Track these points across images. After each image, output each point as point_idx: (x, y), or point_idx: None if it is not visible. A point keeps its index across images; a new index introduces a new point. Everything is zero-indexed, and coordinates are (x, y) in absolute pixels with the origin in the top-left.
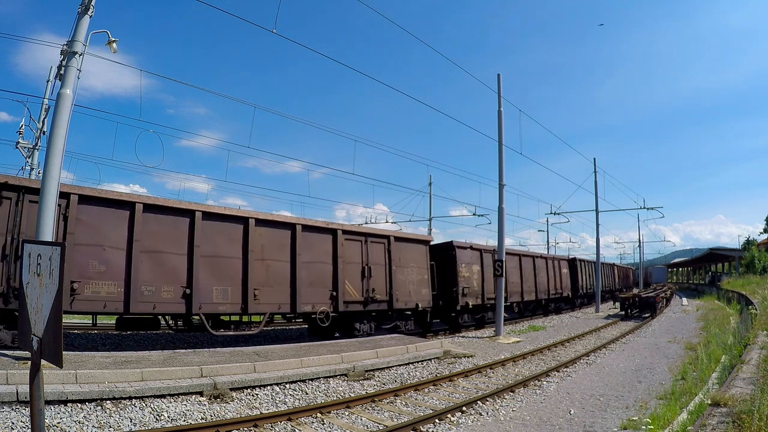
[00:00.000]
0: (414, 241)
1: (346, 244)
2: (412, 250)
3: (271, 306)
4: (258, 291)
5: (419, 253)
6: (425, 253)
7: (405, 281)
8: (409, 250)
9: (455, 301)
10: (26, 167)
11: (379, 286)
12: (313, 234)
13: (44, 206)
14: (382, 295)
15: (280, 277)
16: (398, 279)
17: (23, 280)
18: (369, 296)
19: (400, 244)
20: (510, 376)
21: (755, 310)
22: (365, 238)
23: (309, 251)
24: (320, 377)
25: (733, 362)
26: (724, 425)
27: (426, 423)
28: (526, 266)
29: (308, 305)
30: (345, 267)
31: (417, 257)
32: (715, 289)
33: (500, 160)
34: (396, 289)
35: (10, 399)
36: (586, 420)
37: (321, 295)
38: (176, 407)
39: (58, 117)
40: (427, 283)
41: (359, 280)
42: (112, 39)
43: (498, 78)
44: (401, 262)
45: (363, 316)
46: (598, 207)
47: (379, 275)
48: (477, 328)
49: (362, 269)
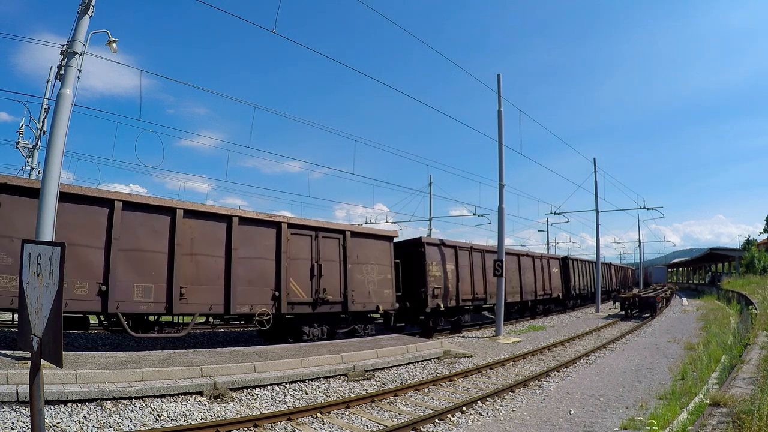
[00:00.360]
0: (375, 237)
1: (293, 239)
2: (373, 246)
3: (201, 306)
4: (186, 289)
5: (381, 250)
6: (389, 250)
7: (364, 281)
8: (370, 246)
9: (424, 302)
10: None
11: (331, 285)
12: (252, 227)
13: (44, 206)
14: (335, 296)
15: (213, 275)
16: (355, 278)
17: (23, 280)
18: (319, 297)
19: (359, 239)
20: (510, 376)
21: (755, 310)
22: (315, 232)
23: (248, 246)
24: (320, 377)
25: (733, 362)
26: (724, 425)
27: (426, 423)
28: (510, 265)
29: (245, 306)
30: (290, 264)
31: (379, 254)
32: (715, 289)
33: (500, 160)
34: (352, 289)
35: (10, 399)
36: (586, 420)
37: (261, 294)
38: (176, 407)
39: (58, 117)
40: (390, 283)
41: (308, 279)
42: (112, 39)
43: (498, 78)
44: (360, 260)
45: (312, 318)
46: (598, 207)
47: (331, 274)
48: (452, 333)
49: (311, 267)
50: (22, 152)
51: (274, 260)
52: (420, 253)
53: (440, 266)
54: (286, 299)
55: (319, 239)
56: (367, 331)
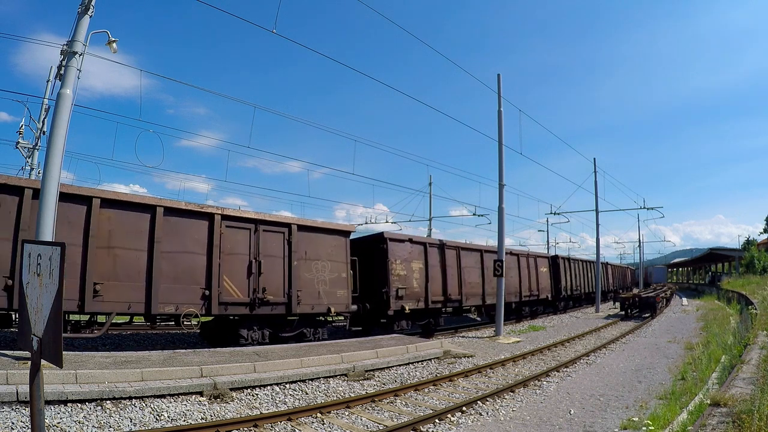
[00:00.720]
0: (328, 231)
1: (228, 233)
2: (325, 241)
3: (119, 305)
4: (101, 286)
5: (335, 246)
6: (344, 246)
7: (313, 280)
8: (321, 241)
9: (386, 304)
10: (26, 167)
11: (273, 284)
12: (181, 219)
13: (44, 206)
14: (278, 296)
15: (133, 271)
16: (302, 277)
17: (23, 280)
18: (258, 297)
19: (308, 234)
20: (510, 376)
21: (755, 310)
22: (255, 225)
23: (174, 239)
24: (320, 377)
25: (733, 362)
26: (724, 425)
27: (426, 423)
28: (489, 263)
29: (170, 305)
30: (225, 260)
31: (332, 251)
32: (715, 289)
33: (500, 160)
34: (299, 288)
35: (10, 399)
36: (586, 420)
37: (189, 293)
38: (176, 407)
39: (58, 117)
40: (345, 283)
41: (244, 277)
42: (112, 39)
43: (498, 78)
44: (308, 256)
45: (251, 321)
46: (598, 207)
47: (273, 271)
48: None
49: (249, 263)
50: (22, 152)
51: (205, 255)
52: (382, 249)
53: (406, 264)
54: (218, 299)
55: (260, 233)
56: (317, 336)
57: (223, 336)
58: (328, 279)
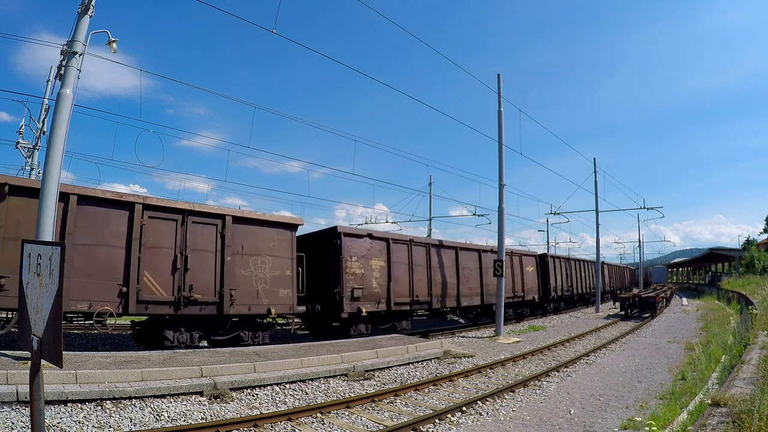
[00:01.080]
0: (270, 224)
1: (151, 224)
2: (267, 235)
3: None
4: (6, 280)
5: (279, 241)
6: (289, 241)
7: (251, 277)
8: (262, 235)
9: (338, 306)
10: (26, 167)
11: (202, 282)
12: (97, 208)
13: (44, 206)
14: (207, 295)
15: None
16: (238, 274)
17: (23, 280)
18: (183, 295)
19: (246, 227)
20: (510, 376)
21: (755, 310)
22: (183, 216)
23: (89, 231)
24: (320, 377)
25: (733, 362)
26: (724, 425)
27: (426, 423)
28: (467, 263)
29: (83, 303)
30: (146, 254)
31: (274, 246)
32: (715, 289)
33: (500, 160)
34: (233, 287)
35: (10, 399)
36: (586, 420)
37: (104, 290)
38: (176, 407)
39: (58, 117)
40: (290, 281)
41: (169, 273)
42: (112, 39)
43: (498, 78)
44: (246, 251)
45: (178, 321)
46: (598, 207)
47: (203, 267)
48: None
49: (175, 258)
50: (22, 152)
51: (124, 249)
52: (335, 245)
53: (364, 262)
54: (137, 296)
55: (189, 225)
56: (257, 341)
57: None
58: (269, 277)
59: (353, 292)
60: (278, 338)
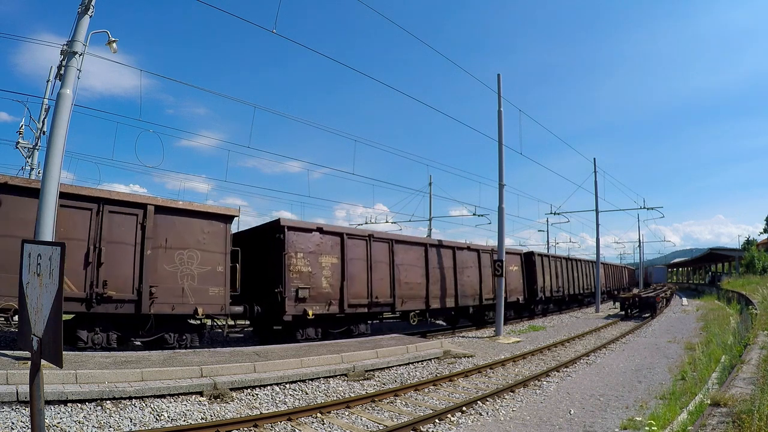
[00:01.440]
0: (199, 215)
1: (62, 213)
2: (195, 227)
3: None
4: None
5: (209, 234)
6: (222, 234)
7: (176, 274)
8: (189, 227)
9: (280, 307)
10: (26, 167)
11: (118, 277)
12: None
13: (44, 206)
14: (124, 292)
15: None
16: (161, 269)
17: (23, 280)
18: (96, 292)
19: (170, 218)
20: (510, 376)
21: (755, 310)
22: (99, 205)
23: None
24: (320, 377)
25: (733, 362)
26: (724, 425)
27: (426, 423)
28: (439, 261)
29: None
30: None
31: (204, 239)
32: (715, 289)
33: (500, 160)
34: (153, 283)
35: (10, 399)
36: (586, 420)
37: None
38: (176, 407)
39: (58, 117)
40: (222, 279)
41: (80, 268)
42: (112, 39)
43: (498, 78)
44: (171, 245)
45: (92, 320)
46: (598, 207)
47: (119, 262)
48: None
49: (87, 251)
50: (22, 152)
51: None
52: (277, 240)
53: (312, 259)
54: None
55: (105, 214)
56: (184, 344)
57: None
58: (197, 273)
59: (298, 292)
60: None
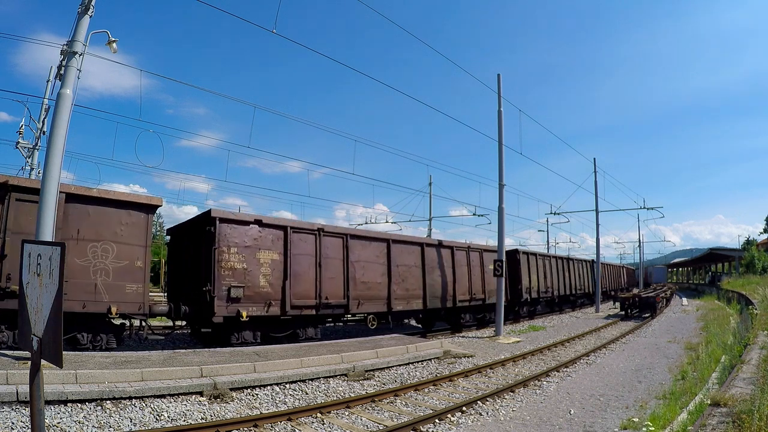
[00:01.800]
0: (116, 204)
1: None
2: (113, 218)
3: None
4: None
5: (128, 225)
6: (143, 225)
7: (88, 268)
8: (105, 217)
9: (209, 307)
10: (26, 167)
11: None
12: None
13: (44, 206)
14: None
15: None
16: (71, 263)
17: (23, 280)
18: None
19: (83, 206)
20: (510, 376)
21: (755, 310)
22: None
23: None
24: (320, 377)
25: (733, 362)
26: (724, 425)
27: (426, 423)
28: (404, 259)
29: None
30: None
31: (122, 231)
32: (715, 289)
33: (500, 160)
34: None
35: (10, 399)
36: (586, 420)
37: None
38: (176, 407)
39: (58, 117)
40: (141, 275)
41: None
42: (112, 39)
43: (498, 78)
44: (83, 236)
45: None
46: (598, 207)
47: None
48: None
49: None
50: (22, 152)
51: None
52: (208, 233)
53: (248, 254)
54: None
55: (11, 203)
56: (98, 345)
57: None
58: (112, 268)
59: (230, 291)
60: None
